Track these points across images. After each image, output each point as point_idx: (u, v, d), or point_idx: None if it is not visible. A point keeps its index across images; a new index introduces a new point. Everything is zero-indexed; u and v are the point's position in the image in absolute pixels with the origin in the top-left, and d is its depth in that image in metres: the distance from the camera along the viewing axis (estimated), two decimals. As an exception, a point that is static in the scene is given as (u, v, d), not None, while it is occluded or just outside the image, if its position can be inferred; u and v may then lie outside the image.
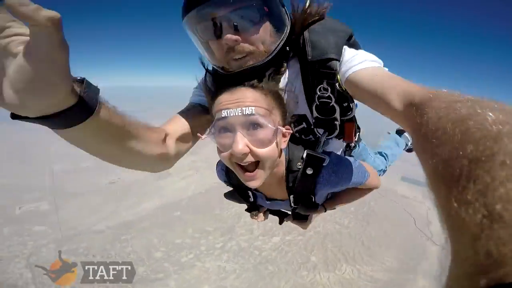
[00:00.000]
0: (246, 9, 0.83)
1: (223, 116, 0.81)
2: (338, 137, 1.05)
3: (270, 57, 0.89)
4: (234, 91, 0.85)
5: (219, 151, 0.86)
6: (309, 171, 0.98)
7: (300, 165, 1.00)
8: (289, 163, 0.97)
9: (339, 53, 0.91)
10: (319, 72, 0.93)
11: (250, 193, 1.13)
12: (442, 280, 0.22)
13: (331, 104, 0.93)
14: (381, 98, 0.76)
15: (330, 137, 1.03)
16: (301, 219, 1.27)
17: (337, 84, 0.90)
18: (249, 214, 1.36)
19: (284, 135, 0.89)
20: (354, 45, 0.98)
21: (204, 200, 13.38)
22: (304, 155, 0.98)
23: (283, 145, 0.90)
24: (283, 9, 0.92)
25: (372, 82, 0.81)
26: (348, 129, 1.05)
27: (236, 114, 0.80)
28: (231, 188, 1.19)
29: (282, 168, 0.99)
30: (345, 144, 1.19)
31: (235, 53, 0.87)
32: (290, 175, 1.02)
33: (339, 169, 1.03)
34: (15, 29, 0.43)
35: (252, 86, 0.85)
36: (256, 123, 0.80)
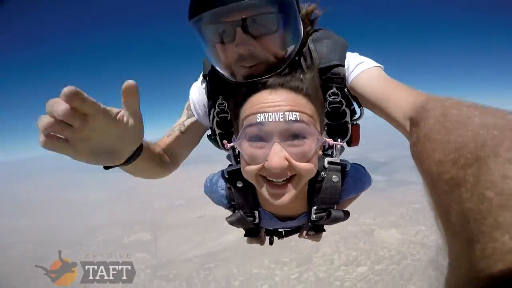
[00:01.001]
0: (263, 17, 0.75)
1: (258, 121, 0.68)
2: (348, 142, 1.01)
3: (283, 67, 0.82)
4: (272, 91, 0.73)
5: (245, 164, 0.73)
6: (335, 179, 0.88)
7: (324, 174, 0.89)
8: None
9: (344, 58, 0.89)
10: (328, 78, 0.88)
11: (257, 214, 0.98)
12: (441, 283, 0.22)
13: (342, 108, 0.88)
14: (383, 112, 0.76)
15: (342, 142, 0.97)
16: (320, 231, 1.11)
17: (345, 89, 0.88)
18: (255, 239, 1.18)
19: (321, 146, 0.77)
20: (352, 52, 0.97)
21: (280, 231, 13.84)
22: (326, 164, 0.89)
23: (319, 155, 0.79)
24: (300, 18, 0.86)
25: (373, 93, 0.79)
26: (355, 132, 0.98)
27: (277, 119, 0.66)
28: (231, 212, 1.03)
29: None
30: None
31: (246, 61, 0.79)
32: (313, 187, 0.90)
33: (361, 174, 0.98)
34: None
35: (294, 89, 0.73)
36: (299, 133, 0.68)
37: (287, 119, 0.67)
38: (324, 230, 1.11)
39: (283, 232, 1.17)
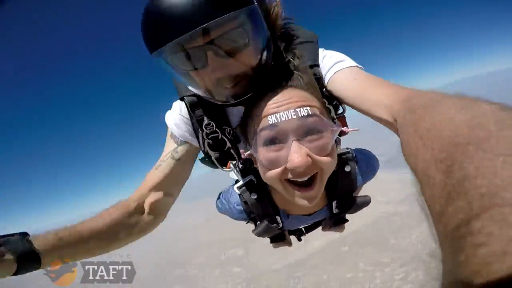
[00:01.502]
0: (230, 34, 0.70)
1: (270, 123, 0.65)
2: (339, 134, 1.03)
3: (264, 76, 0.79)
4: (276, 92, 0.70)
5: (265, 170, 0.71)
6: (347, 169, 0.88)
7: (336, 168, 0.85)
8: None
9: (317, 57, 0.88)
10: None
11: (279, 219, 0.97)
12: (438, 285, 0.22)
13: (325, 106, 0.86)
14: (365, 112, 0.75)
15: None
16: (342, 223, 1.11)
17: (324, 89, 0.87)
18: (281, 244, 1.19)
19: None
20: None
21: (373, 232, 13.29)
22: None
23: (338, 148, 0.79)
24: (265, 24, 0.82)
25: (351, 93, 0.77)
26: (343, 123, 0.98)
27: (289, 117, 0.64)
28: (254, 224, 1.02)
29: None
30: None
31: (226, 82, 0.74)
32: (328, 181, 0.85)
33: (369, 158, 0.98)
34: None
35: (296, 85, 0.72)
36: (315, 127, 0.66)
37: (299, 115, 0.65)
38: (347, 221, 1.11)
39: (304, 229, 1.17)
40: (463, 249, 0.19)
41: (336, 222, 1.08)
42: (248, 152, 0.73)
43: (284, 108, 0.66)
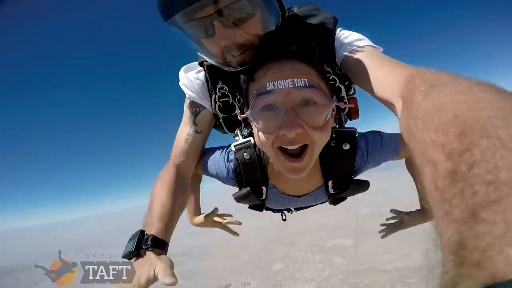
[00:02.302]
0: (236, 4, 0.74)
1: (268, 89, 0.69)
2: (348, 116, 1.03)
3: (268, 46, 0.82)
4: (280, 62, 0.73)
5: (259, 135, 0.74)
6: (346, 147, 0.88)
7: (333, 143, 0.88)
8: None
9: (332, 37, 0.90)
10: None
11: (264, 190, 1.01)
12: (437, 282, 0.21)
13: (336, 85, 0.87)
14: (371, 91, 0.75)
15: (344, 114, 0.99)
16: (341, 202, 1.13)
17: (336, 68, 0.88)
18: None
19: (333, 112, 0.79)
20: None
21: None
22: (333, 133, 0.88)
23: (332, 123, 0.79)
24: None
25: (362, 72, 0.77)
26: (354, 105, 0.99)
27: (286, 86, 0.67)
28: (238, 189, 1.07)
29: None
30: None
31: (233, 51, 0.79)
32: (325, 159, 0.91)
33: (377, 139, 0.96)
34: None
35: (300, 58, 0.74)
36: (310, 98, 0.69)
37: (296, 85, 0.67)
38: (345, 198, 1.11)
39: (293, 208, 1.18)
40: (465, 238, 0.19)
41: (334, 201, 1.12)
42: (245, 114, 0.76)
43: (282, 76, 0.69)
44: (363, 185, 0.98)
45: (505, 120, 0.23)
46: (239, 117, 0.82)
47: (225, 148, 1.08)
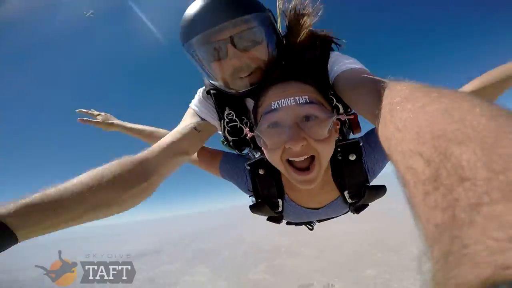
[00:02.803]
0: (247, 32, 0.85)
1: (273, 108, 0.75)
2: (350, 129, 1.07)
3: (272, 70, 0.88)
4: (282, 84, 0.80)
5: (268, 150, 0.79)
6: (352, 157, 0.91)
7: (340, 155, 0.92)
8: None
9: (327, 60, 0.94)
10: None
11: (280, 202, 1.03)
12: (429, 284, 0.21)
13: (334, 104, 0.91)
14: (355, 108, 0.80)
15: (346, 128, 1.03)
16: (363, 209, 1.13)
17: (330, 88, 0.92)
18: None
19: (336, 126, 0.83)
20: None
21: None
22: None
23: (335, 136, 0.83)
24: (276, 26, 0.95)
25: (345, 92, 0.81)
26: (354, 121, 1.03)
27: (289, 104, 0.73)
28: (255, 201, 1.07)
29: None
30: None
31: (241, 72, 0.87)
32: (335, 171, 0.94)
33: (378, 144, 0.95)
34: None
35: (301, 79, 0.81)
36: (311, 113, 0.74)
37: (298, 102, 0.73)
38: (367, 205, 1.11)
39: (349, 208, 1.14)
40: (449, 242, 0.19)
41: (356, 209, 1.11)
42: (253, 132, 0.82)
43: (285, 95, 0.75)
44: (380, 190, 1.00)
45: (476, 124, 0.24)
46: (248, 135, 0.87)
47: (242, 159, 1.12)
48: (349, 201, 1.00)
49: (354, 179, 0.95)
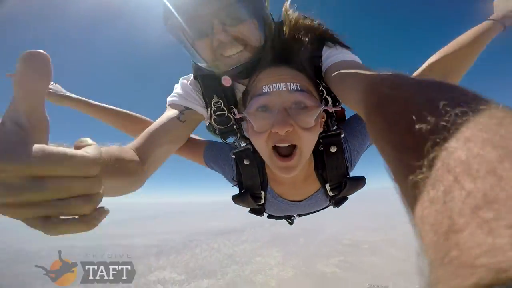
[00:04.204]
0: (234, 7, 0.80)
1: (264, 91, 0.74)
2: (337, 121, 1.04)
3: (261, 52, 0.86)
4: (274, 68, 0.79)
5: (254, 134, 0.78)
6: (333, 149, 0.91)
7: (321, 147, 0.92)
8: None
9: (320, 50, 0.92)
10: None
11: (263, 194, 1.03)
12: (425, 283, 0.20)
13: (323, 97, 0.89)
14: (343, 99, 0.79)
15: (333, 119, 0.99)
16: (343, 202, 1.13)
17: (322, 80, 0.90)
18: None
19: (321, 118, 0.82)
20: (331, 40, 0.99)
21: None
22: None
23: (320, 129, 0.82)
24: (266, 6, 0.91)
25: (335, 82, 0.80)
26: (341, 114, 1.03)
27: (280, 89, 0.73)
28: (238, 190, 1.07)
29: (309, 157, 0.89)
30: None
31: (228, 50, 0.83)
32: (317, 163, 0.94)
33: (357, 128, 0.97)
34: None
35: (293, 66, 0.80)
36: (301, 101, 0.74)
37: (289, 88, 0.73)
38: (346, 198, 1.12)
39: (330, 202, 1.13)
40: (442, 242, 0.19)
41: (337, 202, 1.11)
42: (242, 113, 0.80)
43: (277, 80, 0.75)
44: (360, 181, 1.00)
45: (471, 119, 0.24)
46: (236, 116, 0.85)
47: (228, 147, 1.09)
48: (330, 193, 1.00)
49: (335, 171, 0.95)
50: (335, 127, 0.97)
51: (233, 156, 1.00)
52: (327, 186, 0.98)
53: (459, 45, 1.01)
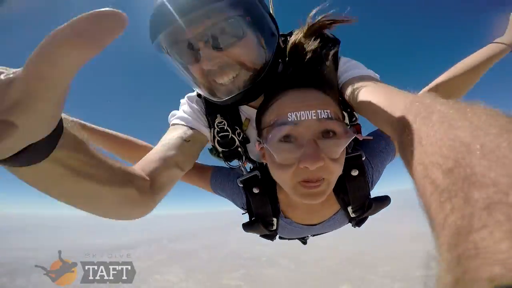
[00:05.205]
0: (222, 25, 0.68)
1: (289, 120, 0.65)
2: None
3: (263, 73, 0.75)
4: (300, 92, 0.70)
5: (276, 167, 0.69)
6: (354, 173, 0.86)
7: (342, 172, 0.82)
8: None
9: (337, 63, 0.86)
10: None
11: (275, 221, 0.95)
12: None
13: (342, 112, 0.82)
14: (370, 117, 0.72)
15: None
16: (364, 222, 1.08)
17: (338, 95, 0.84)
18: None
19: None
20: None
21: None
22: None
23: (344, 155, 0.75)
24: (268, 16, 0.80)
25: (359, 97, 0.74)
26: (357, 130, 0.94)
27: (309, 118, 0.64)
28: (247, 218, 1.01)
29: None
30: None
31: (220, 78, 0.73)
32: (337, 186, 0.85)
33: (377, 147, 0.93)
34: None
35: (320, 88, 0.71)
36: (332, 130, 0.66)
37: (319, 117, 0.64)
38: (367, 218, 1.06)
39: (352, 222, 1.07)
40: (462, 250, 0.19)
41: (358, 222, 1.06)
42: (262, 145, 0.71)
43: (305, 108, 0.66)
44: (385, 201, 0.95)
45: (501, 140, 0.25)
46: (257, 148, 0.75)
47: (233, 175, 1.02)
48: (352, 215, 0.93)
49: (358, 194, 0.89)
50: (351, 148, 0.91)
51: (241, 185, 0.92)
52: (349, 209, 0.91)
53: (468, 67, 0.98)
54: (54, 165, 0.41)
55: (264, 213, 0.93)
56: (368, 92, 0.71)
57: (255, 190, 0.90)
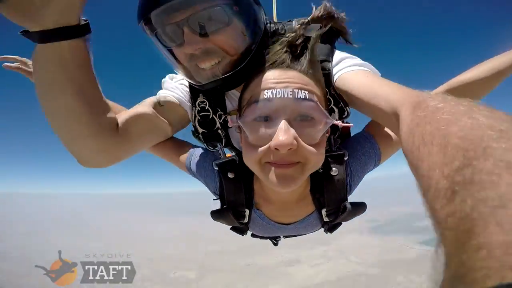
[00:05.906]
0: (208, 11, 0.69)
1: (265, 97, 0.63)
2: (340, 138, 0.93)
3: (246, 61, 0.75)
4: (280, 70, 0.68)
5: (248, 146, 0.68)
6: (334, 173, 0.82)
7: (321, 169, 0.80)
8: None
9: (331, 54, 0.84)
10: None
11: (247, 213, 0.91)
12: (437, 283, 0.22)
13: (330, 106, 0.80)
14: (369, 108, 0.70)
15: (335, 136, 0.90)
16: (337, 228, 1.02)
17: (331, 88, 0.82)
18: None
19: (326, 133, 0.72)
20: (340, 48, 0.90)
21: (334, 288, 13.44)
22: None
23: (325, 145, 0.72)
24: (257, 6, 0.80)
25: (361, 90, 0.73)
26: (346, 130, 0.92)
27: (285, 96, 0.62)
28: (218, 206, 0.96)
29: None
30: None
31: (202, 63, 0.73)
32: (314, 184, 0.85)
33: (360, 150, 0.89)
34: None
35: (301, 70, 0.68)
36: (308, 112, 0.64)
37: (296, 96, 0.62)
38: (340, 224, 1.02)
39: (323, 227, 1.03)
40: (465, 249, 0.20)
41: (330, 228, 1.02)
42: (237, 122, 0.70)
43: (282, 86, 0.64)
44: (360, 207, 0.91)
45: (504, 141, 0.25)
46: (229, 124, 0.75)
47: (209, 157, 0.99)
48: (326, 219, 0.90)
49: (334, 196, 0.85)
50: (336, 146, 0.88)
51: (216, 168, 0.89)
52: (323, 211, 0.88)
53: (486, 73, 0.91)
54: (70, 50, 0.57)
55: (236, 201, 0.89)
56: (371, 83, 0.70)
57: (230, 175, 0.86)
